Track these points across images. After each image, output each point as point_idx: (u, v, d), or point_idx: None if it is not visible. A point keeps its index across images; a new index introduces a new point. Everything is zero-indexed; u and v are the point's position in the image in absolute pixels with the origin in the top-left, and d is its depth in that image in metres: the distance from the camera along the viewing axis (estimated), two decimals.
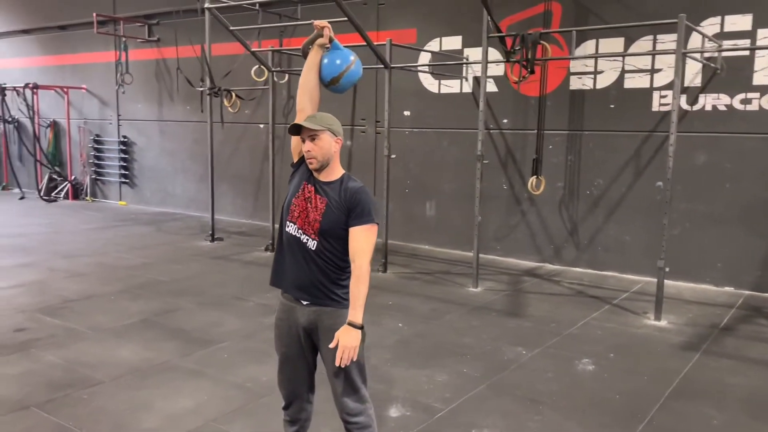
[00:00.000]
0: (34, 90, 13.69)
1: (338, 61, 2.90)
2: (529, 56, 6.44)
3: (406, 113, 9.33)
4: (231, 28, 7.81)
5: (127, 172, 13.19)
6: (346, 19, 6.43)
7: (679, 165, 7.14)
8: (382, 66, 7.49)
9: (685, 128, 7.21)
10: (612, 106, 7.72)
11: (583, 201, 8.05)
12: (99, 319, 5.63)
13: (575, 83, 7.95)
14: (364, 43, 7.00)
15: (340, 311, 2.77)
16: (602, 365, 4.84)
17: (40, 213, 11.98)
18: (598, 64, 7.78)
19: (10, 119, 14.45)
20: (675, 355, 5.09)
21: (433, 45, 8.95)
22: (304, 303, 2.80)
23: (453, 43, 8.80)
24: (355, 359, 2.64)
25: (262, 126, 10.68)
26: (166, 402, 4.03)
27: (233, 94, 8.95)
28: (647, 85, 7.48)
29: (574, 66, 7.92)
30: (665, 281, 5.98)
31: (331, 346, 2.63)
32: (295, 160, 2.90)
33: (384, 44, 7.49)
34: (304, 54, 2.93)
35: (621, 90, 7.65)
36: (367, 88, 9.37)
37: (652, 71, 7.43)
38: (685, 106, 7.24)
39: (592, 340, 5.42)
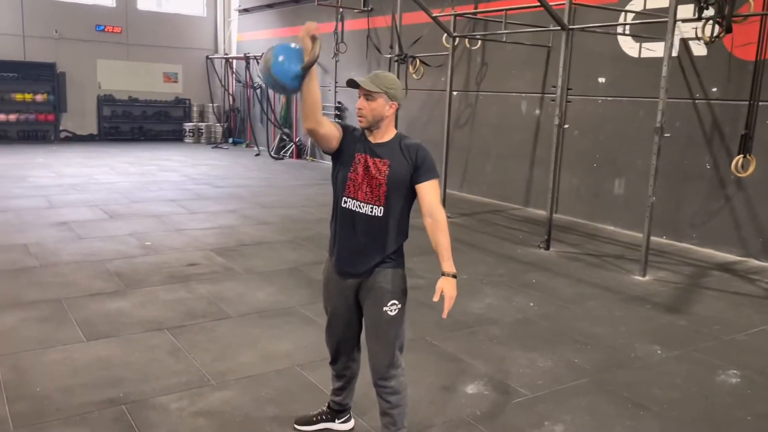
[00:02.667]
0: None
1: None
2: (726, 12, 5.45)
3: (601, 80, 8.55)
4: None
5: None
6: None
7: None
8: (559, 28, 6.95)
9: None
10: None
11: None
12: (256, 263, 6.25)
13: None
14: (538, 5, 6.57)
15: (388, 270, 2.84)
16: (751, 380, 4.04)
17: (266, 168, 13.51)
18: None
19: (253, 85, 16.44)
20: None
21: (637, 3, 8.02)
22: (357, 276, 2.84)
23: (660, 0, 7.79)
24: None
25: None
26: (269, 342, 4.37)
27: (417, 61, 9.06)
28: None
29: None
30: None
31: (435, 299, 2.68)
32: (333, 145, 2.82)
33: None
34: (308, 69, 2.64)
35: None
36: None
37: None
38: None
39: (756, 350, 4.54)
